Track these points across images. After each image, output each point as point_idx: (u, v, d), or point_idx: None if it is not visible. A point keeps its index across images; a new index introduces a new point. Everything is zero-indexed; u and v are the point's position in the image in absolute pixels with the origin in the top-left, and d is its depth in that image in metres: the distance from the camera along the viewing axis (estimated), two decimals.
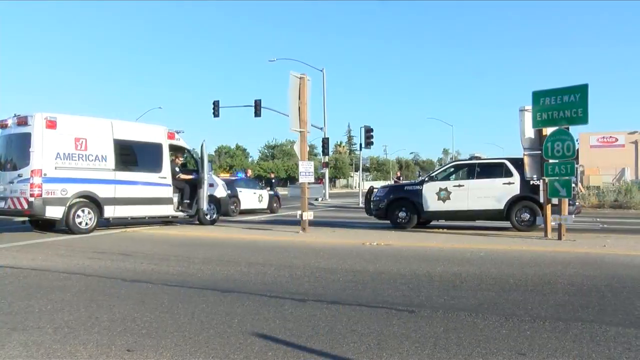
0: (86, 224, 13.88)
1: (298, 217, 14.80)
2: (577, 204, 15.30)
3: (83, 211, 13.85)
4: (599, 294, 6.46)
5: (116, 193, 14.52)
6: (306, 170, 14.90)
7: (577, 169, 14.65)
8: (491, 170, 15.06)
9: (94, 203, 14.10)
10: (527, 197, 14.13)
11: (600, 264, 8.79)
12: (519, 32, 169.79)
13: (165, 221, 16.84)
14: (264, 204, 25.29)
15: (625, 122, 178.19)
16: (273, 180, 30.18)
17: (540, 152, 12.50)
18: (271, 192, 26.50)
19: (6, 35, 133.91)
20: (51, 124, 13.36)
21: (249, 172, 33.44)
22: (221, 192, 18.58)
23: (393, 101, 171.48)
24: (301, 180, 15.15)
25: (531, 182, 13.75)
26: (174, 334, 4.74)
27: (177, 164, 16.78)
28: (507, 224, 14.97)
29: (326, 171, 41.43)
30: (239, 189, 23.51)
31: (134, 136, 15.48)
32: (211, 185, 17.53)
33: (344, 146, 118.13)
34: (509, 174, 14.54)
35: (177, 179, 16.31)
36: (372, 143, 34.03)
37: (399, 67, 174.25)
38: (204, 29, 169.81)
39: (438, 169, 17.16)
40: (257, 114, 36.75)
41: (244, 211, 23.57)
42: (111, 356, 4.16)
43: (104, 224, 15.08)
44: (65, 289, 6.82)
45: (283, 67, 56.94)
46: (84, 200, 13.93)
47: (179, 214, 16.43)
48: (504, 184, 14.52)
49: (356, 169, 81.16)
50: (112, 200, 14.42)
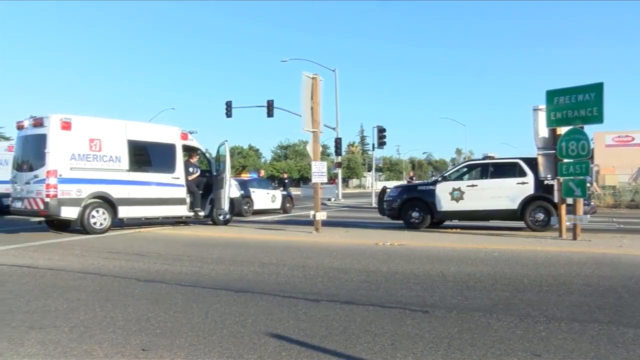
0: (101, 224, 13.99)
1: (311, 217, 14.80)
2: (592, 203, 15.15)
3: (97, 211, 13.96)
4: (616, 295, 6.39)
5: (130, 193, 14.62)
6: (319, 171, 14.90)
7: (592, 168, 14.52)
8: (505, 169, 14.96)
9: (108, 203, 14.21)
10: (541, 197, 14.01)
11: (616, 265, 8.69)
12: (534, 30, 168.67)
13: (178, 221, 16.89)
14: (277, 204, 25.31)
15: None
16: (286, 181, 30.20)
17: (554, 151, 12.40)
18: (284, 193, 26.50)
19: (22, 36, 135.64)
20: (66, 125, 13.48)
21: (262, 173, 33.52)
22: (234, 192, 18.61)
23: (406, 101, 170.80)
24: (314, 180, 15.15)
25: (545, 182, 13.66)
26: (188, 333, 4.76)
27: (191, 163, 16.83)
28: (520, 224, 14.87)
29: (339, 171, 41.38)
30: (251, 190, 23.57)
31: (148, 137, 15.58)
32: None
33: (356, 146, 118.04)
34: (522, 173, 14.44)
35: (188, 177, 16.36)
36: (384, 143, 33.90)
37: (412, 67, 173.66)
38: (216, 31, 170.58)
39: (451, 169, 17.08)
40: (270, 114, 36.77)
41: (257, 211, 23.62)
42: (126, 355, 4.19)
43: (118, 224, 15.18)
44: (80, 288, 6.88)
45: (295, 67, 57.17)
46: (99, 200, 14.03)
47: (192, 214, 16.47)
48: (517, 183, 14.42)
49: (369, 169, 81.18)
50: (126, 201, 14.52)
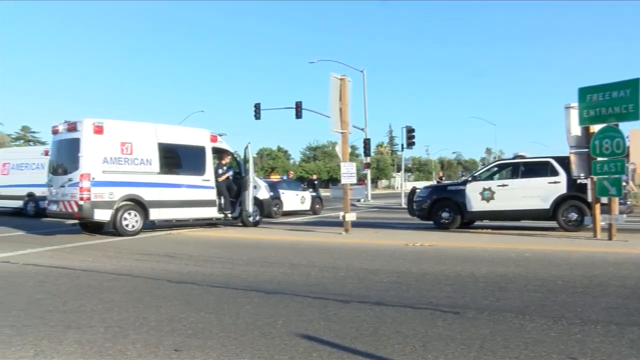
0: (132, 226, 14.20)
1: (340, 218, 14.79)
2: (628, 203, 14.80)
3: (129, 214, 14.17)
4: None
5: (161, 196, 14.80)
6: (348, 172, 14.88)
7: (627, 167, 14.19)
8: (536, 169, 14.74)
9: (140, 206, 14.42)
10: (574, 196, 13.74)
11: None
12: (565, 26, 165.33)
13: (208, 223, 17.04)
14: (306, 206, 25.36)
15: None
16: (315, 182, 30.23)
17: (587, 150, 12.16)
18: (313, 194, 26.54)
19: (57, 42, 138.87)
20: (98, 129, 13.73)
21: (291, 174, 33.61)
22: (264, 194, 18.71)
23: (435, 101, 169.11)
24: (343, 181, 15.14)
25: (578, 181, 13.40)
26: (220, 334, 4.80)
27: (222, 164, 16.94)
28: (552, 224, 14.61)
29: (368, 172, 41.24)
30: (281, 191, 23.67)
31: (178, 139, 15.77)
32: (254, 187, 17.67)
33: (385, 147, 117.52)
34: (554, 172, 14.20)
35: (218, 179, 16.49)
36: (413, 143, 33.80)
37: (441, 66, 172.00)
38: (244, 33, 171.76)
39: (481, 169, 16.89)
40: (298, 115, 36.88)
41: (287, 213, 23.71)
42: (159, 355, 4.24)
43: (149, 226, 15.39)
44: (114, 289, 7.00)
45: (323, 68, 57.04)
46: (130, 203, 14.26)
47: (223, 215, 16.60)
48: (549, 183, 14.18)
49: (398, 170, 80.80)
50: (157, 203, 14.71)
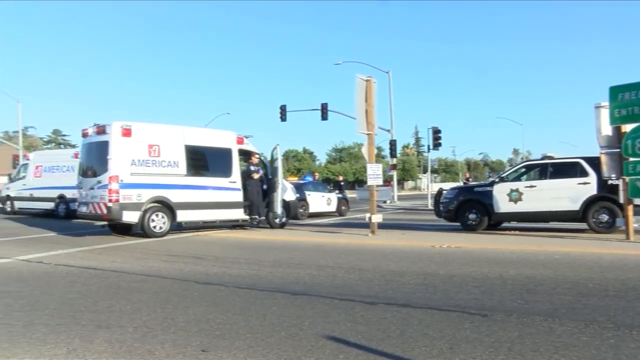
0: (160, 227, 14.35)
1: (367, 219, 14.74)
2: None
3: (157, 215, 14.33)
4: None
5: (188, 198, 14.93)
6: (374, 173, 14.82)
7: None
8: (565, 169, 14.52)
9: (167, 207, 14.57)
10: (605, 198, 13.48)
11: None
12: (596, 24, 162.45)
13: (235, 225, 17.14)
14: (332, 207, 25.35)
15: None
16: (341, 183, 30.21)
17: (619, 150, 11.91)
18: (339, 195, 26.53)
19: (89, 46, 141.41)
20: (126, 132, 13.92)
21: (316, 176, 33.66)
22: (290, 195, 18.75)
23: (461, 101, 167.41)
24: (369, 182, 15.09)
25: (609, 182, 13.13)
26: (247, 335, 4.81)
27: (252, 163, 16.93)
28: (582, 225, 14.33)
29: (394, 173, 41.10)
30: (307, 193, 23.71)
31: (204, 142, 15.91)
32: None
33: (411, 148, 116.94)
34: (584, 173, 13.95)
35: (250, 178, 16.52)
36: (440, 144, 33.54)
37: (466, 66, 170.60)
38: (270, 35, 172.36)
39: (509, 170, 16.69)
40: (324, 117, 36.97)
41: (313, 214, 23.76)
42: (187, 356, 4.28)
43: (176, 227, 15.55)
44: (142, 290, 7.09)
45: (349, 70, 56.87)
46: (158, 205, 14.41)
47: (248, 217, 16.66)
48: (579, 183, 13.94)
49: (424, 171, 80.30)
50: (184, 205, 14.84)
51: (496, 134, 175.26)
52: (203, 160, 15.99)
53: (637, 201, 11.78)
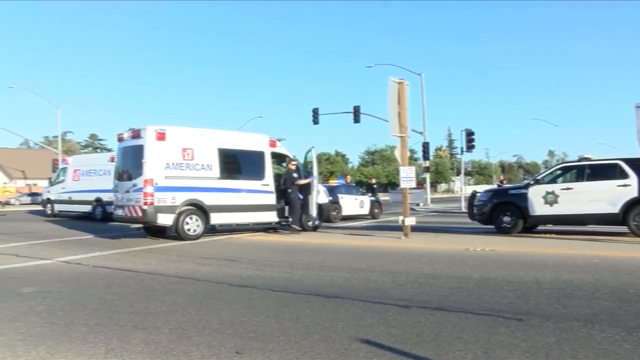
0: (194, 230, 14.50)
1: (400, 222, 14.62)
2: None
3: (191, 218, 14.48)
4: None
5: (221, 200, 15.05)
6: (407, 176, 14.71)
7: None
8: (603, 171, 14.14)
9: (201, 210, 14.71)
10: None
11: None
12: (634, 21, 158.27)
13: (268, 227, 17.21)
14: (365, 210, 25.26)
15: None
16: (374, 186, 30.10)
17: None
18: (372, 198, 26.40)
19: (127, 53, 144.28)
20: (161, 136, 14.12)
21: (348, 178, 33.58)
22: (323, 198, 18.74)
23: (495, 103, 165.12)
24: (402, 185, 14.98)
25: None
26: (280, 338, 4.83)
27: (292, 169, 16.80)
28: (621, 229, 13.92)
29: (427, 176, 40.81)
30: (340, 195, 23.68)
31: (237, 145, 16.04)
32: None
33: (444, 150, 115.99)
34: (624, 175, 13.57)
35: (294, 184, 16.46)
36: (473, 146, 33.10)
37: (500, 67, 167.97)
38: (302, 38, 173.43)
39: (544, 172, 16.37)
40: (356, 120, 36.93)
41: (346, 217, 23.70)
42: (222, 357, 4.31)
43: (210, 230, 15.69)
44: (177, 292, 7.18)
45: (381, 72, 56.86)
46: (192, 207, 14.57)
47: (282, 220, 16.69)
48: (618, 186, 13.56)
49: (457, 173, 79.41)
50: (217, 208, 14.97)
51: (531, 136, 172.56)
52: (236, 164, 16.11)
53: None
